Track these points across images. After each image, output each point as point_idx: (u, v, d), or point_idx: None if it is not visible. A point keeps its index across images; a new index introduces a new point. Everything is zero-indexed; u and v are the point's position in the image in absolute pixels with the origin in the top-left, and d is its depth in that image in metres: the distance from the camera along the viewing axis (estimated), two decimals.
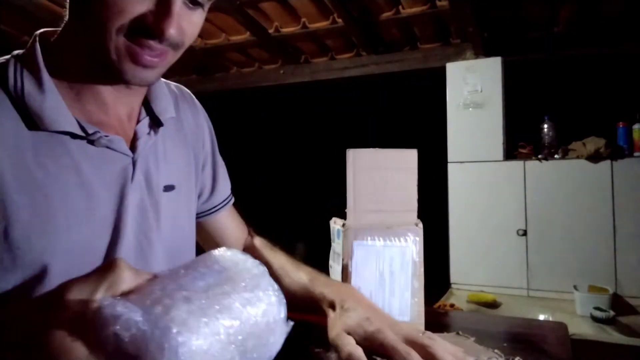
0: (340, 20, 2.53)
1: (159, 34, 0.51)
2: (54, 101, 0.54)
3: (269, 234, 0.98)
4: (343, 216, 0.76)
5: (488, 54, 2.60)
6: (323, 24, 2.63)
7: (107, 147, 0.58)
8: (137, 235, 0.62)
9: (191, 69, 3.37)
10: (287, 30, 2.71)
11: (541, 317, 2.11)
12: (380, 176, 0.76)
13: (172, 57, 0.57)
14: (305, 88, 3.32)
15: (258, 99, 3.64)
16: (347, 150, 0.76)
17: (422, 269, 0.75)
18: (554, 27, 2.51)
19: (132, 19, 0.50)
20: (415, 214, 0.77)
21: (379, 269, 0.74)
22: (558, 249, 2.38)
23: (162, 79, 0.71)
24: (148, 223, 0.63)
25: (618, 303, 2.14)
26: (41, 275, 0.53)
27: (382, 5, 2.45)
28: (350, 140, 1.00)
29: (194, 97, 0.80)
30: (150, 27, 0.51)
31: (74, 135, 0.55)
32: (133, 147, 0.62)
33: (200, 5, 0.56)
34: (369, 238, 0.74)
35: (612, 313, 1.98)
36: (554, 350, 0.69)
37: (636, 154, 2.29)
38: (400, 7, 2.44)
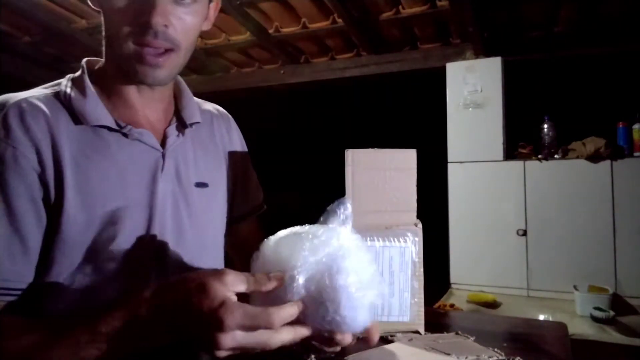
0: (340, 20, 2.53)
1: (147, 25, 0.63)
2: (93, 103, 0.69)
3: (268, 234, 0.98)
4: None
5: (488, 54, 2.60)
6: (323, 24, 2.62)
7: (139, 141, 0.71)
8: (171, 221, 0.74)
9: (191, 69, 3.37)
10: (287, 30, 2.71)
11: (541, 317, 2.11)
12: (380, 176, 0.76)
13: (176, 58, 0.69)
14: (305, 88, 3.31)
15: (258, 99, 3.63)
16: (346, 150, 0.75)
17: (422, 269, 0.75)
18: (554, 27, 2.51)
19: (130, 21, 0.63)
20: (415, 214, 0.77)
21: (379, 269, 0.74)
22: (558, 249, 2.38)
23: (204, 101, 0.91)
24: (179, 212, 0.75)
25: (618, 303, 2.13)
26: (85, 245, 0.65)
27: (382, 5, 2.45)
28: (350, 140, 1.00)
29: (231, 117, 0.95)
30: (141, 23, 0.63)
31: (110, 129, 0.69)
32: (163, 144, 0.74)
33: (189, 4, 0.66)
34: (368, 238, 0.74)
35: (612, 313, 1.98)
36: (553, 350, 0.69)
37: (636, 154, 2.28)
38: (400, 7, 2.44)
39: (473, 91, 2.58)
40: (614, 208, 2.27)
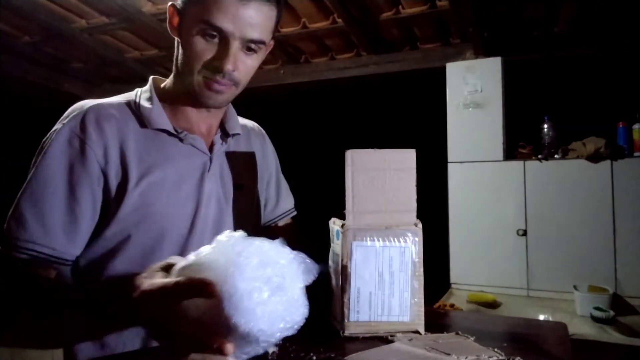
0: (340, 20, 2.53)
1: (220, 70, 0.77)
2: (158, 111, 0.84)
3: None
4: (342, 217, 0.76)
5: (488, 54, 2.60)
6: (323, 24, 2.62)
7: (192, 145, 0.85)
8: (212, 215, 0.86)
9: None
10: (287, 30, 2.71)
11: (541, 317, 2.11)
12: (379, 177, 0.76)
13: (235, 90, 0.84)
14: (305, 88, 3.31)
15: (258, 99, 3.63)
16: (346, 151, 0.76)
17: (422, 269, 0.75)
18: (554, 27, 2.51)
19: (206, 62, 0.78)
20: (415, 214, 0.77)
21: (379, 269, 0.74)
22: (558, 249, 2.38)
23: (242, 118, 1.03)
24: (221, 208, 0.88)
25: (618, 303, 2.14)
26: (140, 225, 0.78)
27: (382, 5, 2.45)
28: (350, 140, 1.00)
29: (264, 132, 1.10)
30: (215, 66, 0.77)
31: (169, 134, 0.84)
32: (210, 150, 0.88)
33: (255, 51, 0.81)
34: (368, 239, 0.74)
35: (612, 313, 1.98)
36: (554, 350, 0.69)
37: (636, 154, 2.28)
38: (400, 7, 2.44)
39: (473, 91, 2.58)
40: (614, 208, 2.27)
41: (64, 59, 3.29)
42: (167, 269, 0.56)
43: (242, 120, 1.04)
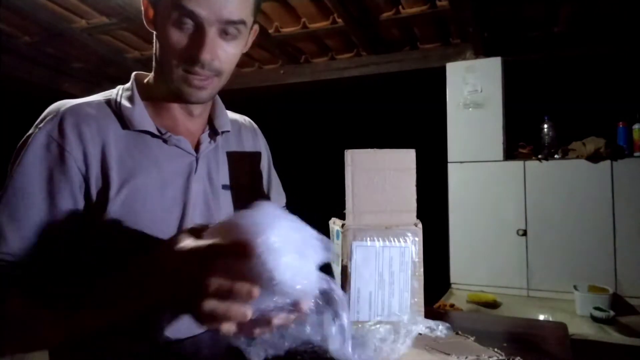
0: (340, 20, 2.53)
1: (197, 60, 0.72)
2: (140, 111, 0.79)
3: None
4: (342, 217, 0.76)
5: (488, 54, 2.60)
6: (323, 24, 2.62)
7: (177, 146, 0.81)
8: (199, 218, 0.81)
9: None
10: (287, 30, 2.71)
11: (541, 317, 2.11)
12: (379, 177, 0.76)
13: (218, 82, 0.78)
14: (305, 88, 3.31)
15: (258, 99, 3.63)
16: (345, 151, 0.76)
17: (422, 269, 0.75)
18: (554, 27, 2.51)
19: (182, 53, 0.72)
20: (414, 214, 0.77)
21: (379, 269, 0.74)
22: (558, 249, 2.38)
23: (232, 112, 0.99)
24: (210, 210, 0.84)
25: (618, 303, 2.14)
26: (124, 233, 0.74)
27: (382, 5, 2.45)
28: (350, 140, 1.00)
29: (256, 126, 1.05)
30: (192, 56, 0.72)
31: (153, 135, 0.79)
32: (197, 149, 0.84)
33: (235, 36, 0.75)
34: (368, 239, 0.74)
35: (612, 313, 1.98)
36: (554, 350, 0.69)
37: (636, 154, 2.28)
38: (400, 7, 2.44)
39: (473, 91, 2.58)
40: (614, 208, 2.27)
41: (64, 59, 3.29)
42: (196, 232, 0.56)
43: (233, 115, 0.99)
